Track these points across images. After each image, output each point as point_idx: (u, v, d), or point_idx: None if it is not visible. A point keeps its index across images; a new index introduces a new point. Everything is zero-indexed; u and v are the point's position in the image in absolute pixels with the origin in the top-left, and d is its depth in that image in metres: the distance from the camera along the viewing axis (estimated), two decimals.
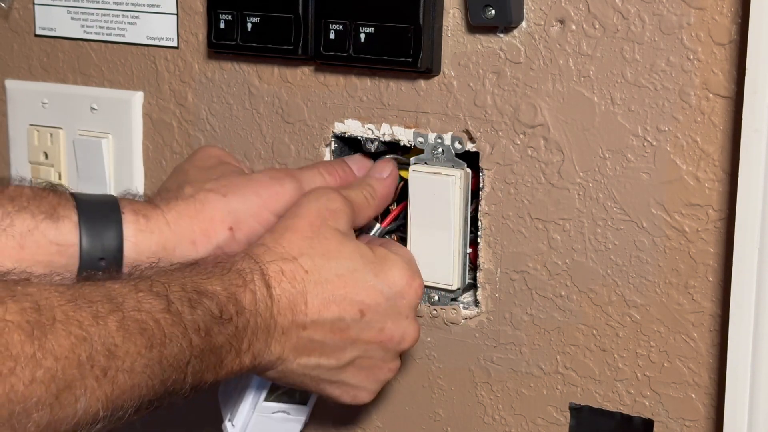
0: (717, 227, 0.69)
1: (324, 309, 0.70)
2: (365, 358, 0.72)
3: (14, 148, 1.00)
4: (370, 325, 0.71)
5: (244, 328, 0.67)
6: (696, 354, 0.71)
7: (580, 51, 0.71)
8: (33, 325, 0.55)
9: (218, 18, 0.83)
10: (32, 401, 0.54)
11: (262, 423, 0.78)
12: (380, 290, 0.71)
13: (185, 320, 0.63)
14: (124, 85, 0.93)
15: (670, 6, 0.68)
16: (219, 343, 0.65)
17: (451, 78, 0.77)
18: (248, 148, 0.87)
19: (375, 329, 0.71)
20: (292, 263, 0.70)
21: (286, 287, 0.69)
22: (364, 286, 0.71)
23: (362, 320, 0.71)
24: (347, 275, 0.71)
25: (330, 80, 0.82)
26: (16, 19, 0.99)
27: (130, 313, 0.61)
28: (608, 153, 0.72)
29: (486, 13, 0.72)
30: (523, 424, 0.78)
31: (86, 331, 0.58)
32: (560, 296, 0.75)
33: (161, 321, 0.62)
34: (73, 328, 0.57)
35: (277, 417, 0.79)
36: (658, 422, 0.73)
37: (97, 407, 0.58)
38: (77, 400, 0.57)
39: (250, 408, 0.78)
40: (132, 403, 0.61)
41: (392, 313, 0.72)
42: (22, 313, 0.55)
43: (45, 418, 0.55)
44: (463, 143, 0.77)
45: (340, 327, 0.70)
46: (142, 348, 0.60)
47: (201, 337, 0.64)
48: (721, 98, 0.67)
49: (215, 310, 0.66)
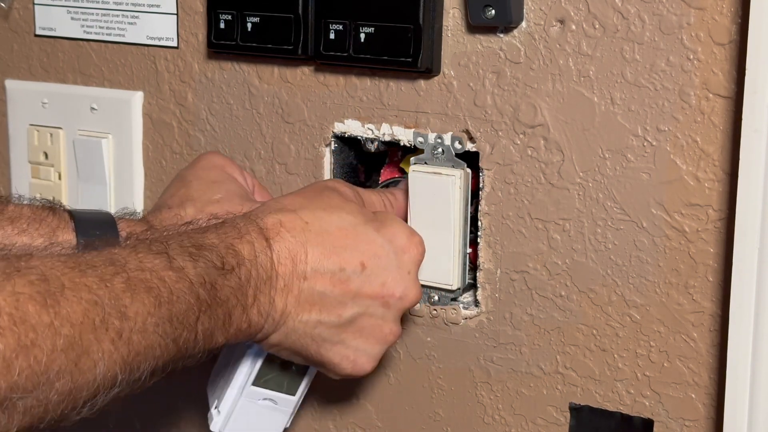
0: (717, 227, 0.69)
1: (325, 258, 0.70)
2: (366, 316, 0.71)
3: (14, 148, 1.00)
4: (371, 278, 0.71)
5: (247, 280, 0.67)
6: (696, 354, 0.71)
7: (580, 51, 0.71)
8: (44, 295, 0.55)
9: (218, 18, 0.83)
10: (54, 371, 0.54)
11: (248, 409, 0.77)
12: (381, 244, 0.71)
13: (189, 275, 0.64)
14: (124, 85, 0.93)
15: (670, 6, 0.68)
16: (225, 297, 0.65)
17: (451, 78, 0.77)
18: (248, 148, 0.87)
19: (376, 283, 0.71)
20: (292, 214, 0.71)
21: (286, 236, 0.69)
22: (366, 239, 0.71)
23: (363, 273, 0.70)
24: (349, 228, 0.71)
25: (330, 80, 0.82)
26: (16, 19, 0.99)
27: (133, 273, 0.61)
28: (608, 153, 0.72)
29: (486, 13, 0.72)
30: (523, 424, 0.78)
31: (96, 295, 0.58)
32: (560, 296, 0.75)
33: (166, 279, 0.62)
34: (83, 293, 0.57)
35: (264, 405, 0.77)
36: (658, 422, 0.73)
37: (116, 370, 0.58)
38: (96, 365, 0.57)
39: (238, 392, 0.77)
40: (148, 365, 0.61)
41: (394, 267, 0.71)
42: (31, 285, 0.55)
43: (67, 386, 0.55)
44: (463, 143, 0.77)
45: (341, 278, 0.70)
46: (151, 307, 0.60)
47: (207, 290, 0.64)
48: (721, 98, 0.67)
49: (217, 262, 0.66)
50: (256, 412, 0.77)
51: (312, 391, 0.87)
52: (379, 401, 0.85)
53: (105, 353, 0.57)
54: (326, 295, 0.70)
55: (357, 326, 0.71)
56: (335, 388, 0.86)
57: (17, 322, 0.53)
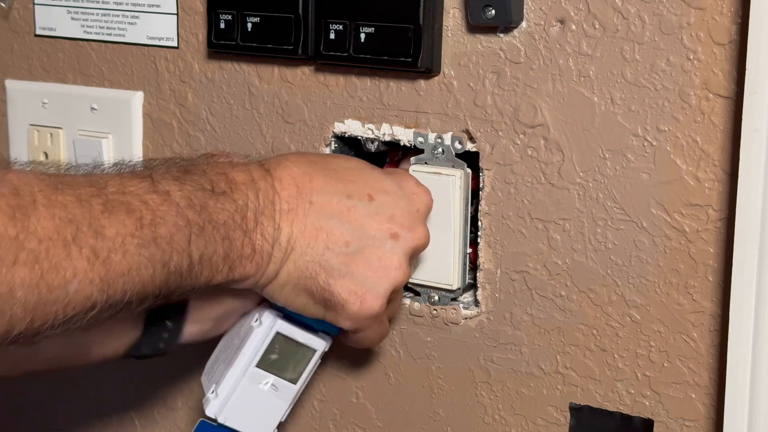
0: (717, 227, 0.69)
1: (331, 185, 0.69)
2: (374, 248, 0.69)
3: (14, 148, 1.00)
4: (379, 210, 0.70)
5: (244, 203, 0.66)
6: (696, 354, 0.71)
7: (580, 51, 0.71)
8: (14, 209, 0.55)
9: (218, 18, 0.83)
10: (16, 282, 0.54)
11: (249, 392, 0.75)
12: (390, 183, 0.71)
13: (175, 197, 0.62)
14: (124, 85, 0.93)
15: (670, 6, 0.68)
16: (221, 220, 0.64)
17: (451, 78, 0.77)
18: (248, 148, 0.87)
19: (384, 216, 0.70)
20: (296, 155, 0.71)
21: (288, 166, 0.69)
22: (373, 177, 0.71)
23: (371, 204, 0.69)
24: (356, 169, 0.71)
25: (330, 80, 0.82)
26: (16, 19, 0.99)
27: (113, 196, 0.60)
28: (608, 153, 0.72)
29: (486, 13, 0.72)
30: (523, 424, 0.78)
31: (71, 213, 0.57)
32: (560, 296, 0.75)
33: (149, 201, 0.61)
34: (56, 210, 0.56)
35: (265, 390, 0.75)
36: (658, 422, 0.73)
37: (91, 290, 0.57)
38: (67, 282, 0.56)
39: (240, 372, 0.74)
40: (133, 288, 0.60)
41: (403, 204, 0.71)
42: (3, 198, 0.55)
43: (32, 299, 0.55)
44: (463, 143, 0.77)
45: (348, 205, 0.69)
46: (132, 228, 0.59)
47: (197, 212, 0.63)
48: (721, 98, 0.67)
49: (206, 185, 0.64)
50: (256, 396, 0.75)
51: (312, 391, 0.87)
52: (379, 401, 0.85)
53: (78, 271, 0.56)
54: (333, 220, 0.68)
55: (364, 257, 0.69)
56: (336, 387, 0.86)
57: None
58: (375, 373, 0.84)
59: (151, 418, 0.98)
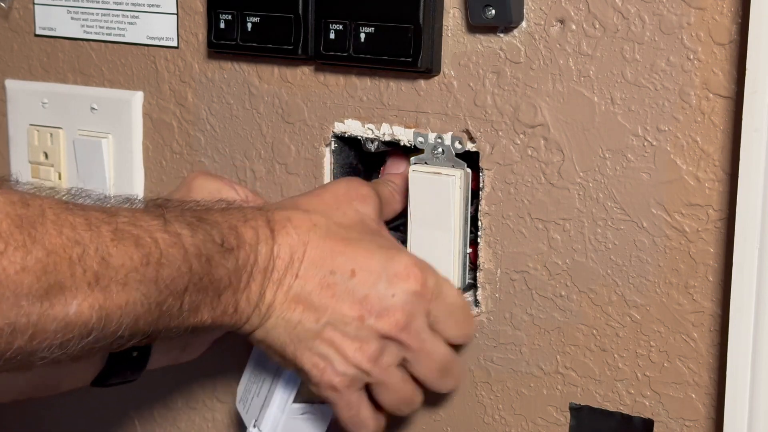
0: (717, 227, 0.69)
1: (320, 259, 0.69)
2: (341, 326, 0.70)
3: (14, 148, 1.00)
4: (356, 288, 0.70)
5: (244, 264, 0.66)
6: (696, 354, 0.71)
7: (580, 51, 0.71)
8: (21, 218, 0.54)
9: (218, 18, 0.83)
10: (22, 289, 0.53)
11: (291, 427, 0.78)
12: (378, 260, 0.71)
13: (185, 242, 0.62)
14: (124, 85, 0.93)
15: (670, 6, 0.68)
16: (218, 276, 0.64)
17: (451, 78, 0.77)
18: (248, 148, 0.87)
19: (359, 294, 0.70)
20: (303, 214, 0.71)
21: (291, 233, 0.69)
22: (365, 250, 0.71)
23: (351, 280, 0.70)
24: (352, 239, 0.71)
25: (330, 80, 0.82)
26: (16, 19, 0.99)
27: (124, 226, 0.59)
28: (608, 153, 0.72)
29: (486, 13, 0.72)
30: (523, 424, 0.78)
31: (79, 235, 0.56)
32: (560, 296, 0.75)
33: (159, 240, 0.61)
34: (65, 229, 0.56)
35: (306, 418, 0.78)
36: (658, 422, 0.73)
37: (90, 314, 0.57)
38: (68, 302, 0.55)
39: (279, 411, 0.77)
40: (127, 321, 0.59)
41: (381, 285, 0.70)
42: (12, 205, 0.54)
43: (35, 311, 0.54)
44: (463, 143, 0.77)
45: (329, 282, 0.69)
46: (137, 263, 0.59)
47: (201, 263, 0.63)
48: (721, 98, 0.67)
49: (216, 237, 0.65)
50: (298, 427, 0.78)
51: None
52: None
53: (80, 292, 0.56)
54: (312, 295, 0.69)
55: (328, 335, 0.70)
56: None
57: None
58: None
59: (150, 418, 0.98)
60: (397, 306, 0.71)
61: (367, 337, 0.71)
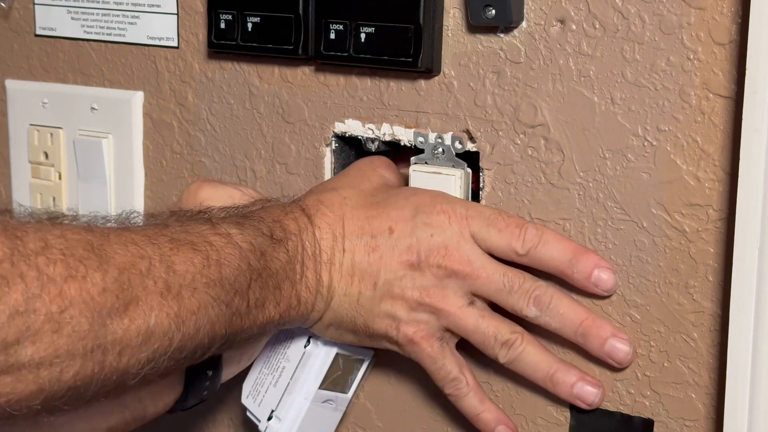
0: (717, 227, 0.69)
1: (358, 227, 0.72)
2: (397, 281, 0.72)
3: (14, 148, 1.00)
4: (398, 242, 0.72)
5: (294, 254, 0.69)
6: (696, 354, 0.71)
7: (580, 51, 0.71)
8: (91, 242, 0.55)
9: (218, 18, 0.83)
10: (105, 308, 0.55)
11: (314, 413, 0.78)
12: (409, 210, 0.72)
13: (237, 240, 0.64)
14: (125, 85, 0.93)
15: (670, 6, 0.68)
16: (275, 269, 0.66)
17: (451, 78, 0.77)
18: (248, 147, 0.87)
19: (403, 246, 0.72)
20: (331, 192, 0.74)
21: (325, 212, 0.72)
22: (396, 205, 0.73)
23: (391, 237, 0.72)
24: (380, 194, 0.74)
25: (330, 80, 0.82)
26: (16, 19, 0.99)
27: (178, 235, 0.61)
28: (608, 153, 0.72)
29: (486, 13, 0.72)
30: (523, 424, 0.78)
31: (143, 249, 0.58)
32: None
33: (214, 242, 0.63)
34: (129, 246, 0.58)
35: (325, 406, 0.79)
36: (658, 422, 0.73)
37: (168, 323, 0.58)
38: (146, 314, 0.57)
39: (305, 397, 0.78)
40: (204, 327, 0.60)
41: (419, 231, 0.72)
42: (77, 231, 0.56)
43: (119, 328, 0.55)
44: (463, 143, 0.77)
45: (372, 246, 0.72)
46: (199, 266, 0.61)
47: (257, 258, 0.65)
48: (721, 98, 0.67)
49: (265, 230, 0.67)
50: (319, 415, 0.79)
51: None
52: (379, 401, 0.85)
53: (155, 303, 0.57)
54: (361, 264, 0.72)
55: (389, 293, 0.72)
56: None
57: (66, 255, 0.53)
58: (375, 373, 0.84)
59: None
60: (438, 242, 0.72)
61: (424, 282, 0.72)
